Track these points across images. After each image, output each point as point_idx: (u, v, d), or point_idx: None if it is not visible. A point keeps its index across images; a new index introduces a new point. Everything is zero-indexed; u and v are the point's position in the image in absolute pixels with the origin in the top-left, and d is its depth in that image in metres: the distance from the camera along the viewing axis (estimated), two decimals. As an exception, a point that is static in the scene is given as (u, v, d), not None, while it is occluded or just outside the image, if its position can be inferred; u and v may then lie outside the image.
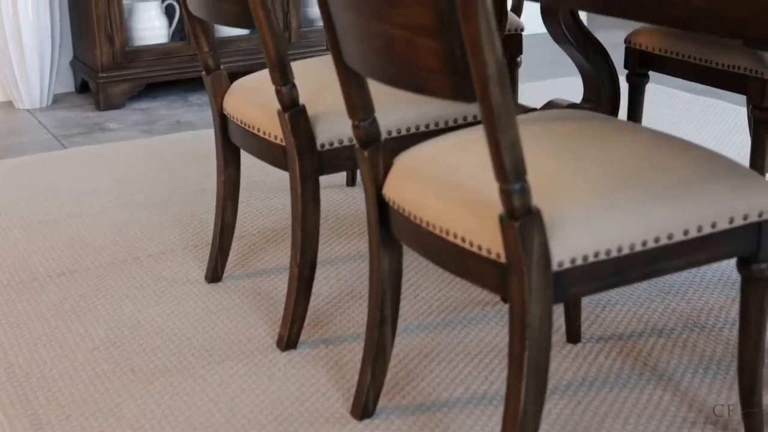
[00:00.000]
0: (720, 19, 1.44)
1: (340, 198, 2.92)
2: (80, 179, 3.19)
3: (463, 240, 1.47)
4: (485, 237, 1.43)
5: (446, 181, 1.55)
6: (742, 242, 1.52)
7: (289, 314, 2.06)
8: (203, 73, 2.27)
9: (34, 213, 2.91)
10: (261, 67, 4.23)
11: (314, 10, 4.39)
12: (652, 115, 3.65)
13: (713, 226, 1.48)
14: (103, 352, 2.11)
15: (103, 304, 2.33)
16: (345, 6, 1.49)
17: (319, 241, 2.62)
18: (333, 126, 1.97)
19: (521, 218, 1.34)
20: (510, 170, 1.31)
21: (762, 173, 2.60)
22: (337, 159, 2.00)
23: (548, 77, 4.27)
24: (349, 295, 2.32)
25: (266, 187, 3.03)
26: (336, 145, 1.98)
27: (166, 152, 3.44)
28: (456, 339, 2.10)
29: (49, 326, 2.23)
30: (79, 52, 4.28)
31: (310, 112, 1.97)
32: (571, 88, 3.95)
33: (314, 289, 2.34)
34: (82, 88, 4.36)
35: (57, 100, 4.26)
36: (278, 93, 1.93)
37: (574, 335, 2.06)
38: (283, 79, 1.92)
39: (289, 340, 2.07)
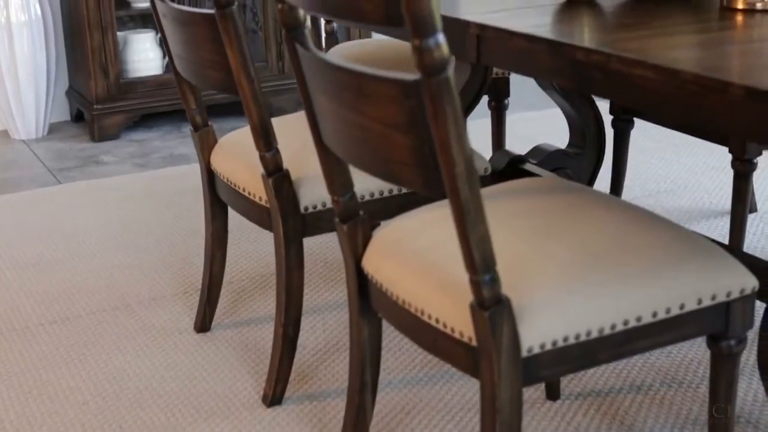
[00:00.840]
0: (688, 107, 1.47)
1: (329, 242, 2.95)
2: (74, 218, 3.23)
3: (437, 321, 1.51)
4: (458, 320, 1.47)
5: (422, 260, 1.59)
6: (711, 321, 1.56)
7: (273, 372, 2.10)
8: (191, 129, 2.31)
9: (28, 255, 2.95)
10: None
11: (307, 40, 4.42)
12: (640, 148, 3.69)
13: (681, 307, 1.52)
14: (93, 407, 2.15)
15: (93, 355, 2.37)
16: (323, 93, 1.52)
17: (307, 288, 2.66)
18: (316, 189, 2.01)
19: (491, 308, 1.38)
20: (479, 263, 1.35)
21: (743, 222, 2.64)
22: (321, 221, 2.04)
23: (539, 107, 4.30)
24: (335, 347, 2.36)
25: (257, 229, 3.07)
26: (319, 207, 2.02)
27: (159, 189, 3.48)
28: (438, 395, 2.14)
29: (41, 378, 2.27)
30: (75, 82, 4.33)
31: (293, 175, 2.01)
32: (560, 121, 3.98)
33: (300, 341, 2.38)
34: (78, 117, 4.40)
35: (52, 129, 4.30)
36: (262, 159, 1.97)
37: (553, 392, 2.10)
38: (267, 146, 1.96)
39: (273, 397, 2.11)
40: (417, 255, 1.61)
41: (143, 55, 4.15)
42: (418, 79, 1.27)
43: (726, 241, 2.86)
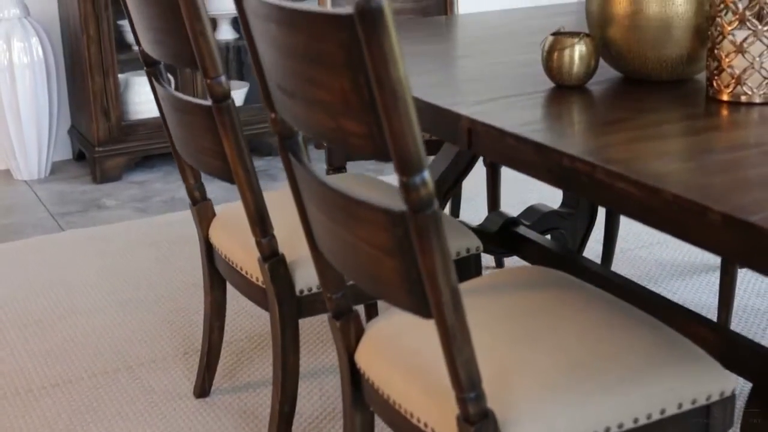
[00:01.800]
0: (671, 223, 1.52)
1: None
2: (76, 268, 3.28)
3: (426, 425, 1.56)
4: (446, 427, 1.52)
5: (412, 361, 1.64)
6: (691, 424, 1.60)
7: (270, 448, 2.15)
8: (190, 203, 2.36)
9: (31, 310, 3.01)
10: (253, 138, 4.32)
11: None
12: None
13: (662, 412, 1.57)
14: (94, 479, 2.20)
15: (95, 421, 2.42)
16: (316, 206, 1.57)
17: (303, 350, 2.71)
18: (312, 272, 2.06)
19: (477, 423, 1.43)
20: (465, 382, 1.40)
21: (733, 279, 2.69)
22: (316, 303, 2.09)
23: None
24: (331, 415, 2.41)
25: (256, 282, 3.12)
26: (315, 290, 2.07)
27: (160, 238, 3.53)
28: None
29: (43, 447, 2.32)
30: (77, 122, 4.38)
31: (289, 258, 2.06)
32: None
33: (297, 407, 2.43)
34: (80, 156, 4.45)
35: (55, 169, 4.35)
36: (258, 244, 2.02)
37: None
38: (263, 232, 2.01)
39: (270, 472, 2.16)
40: (408, 356, 1.66)
41: (144, 97, 4.21)
42: (405, 212, 1.32)
43: (716, 298, 2.91)
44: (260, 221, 2.00)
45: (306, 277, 2.06)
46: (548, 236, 2.84)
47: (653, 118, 1.84)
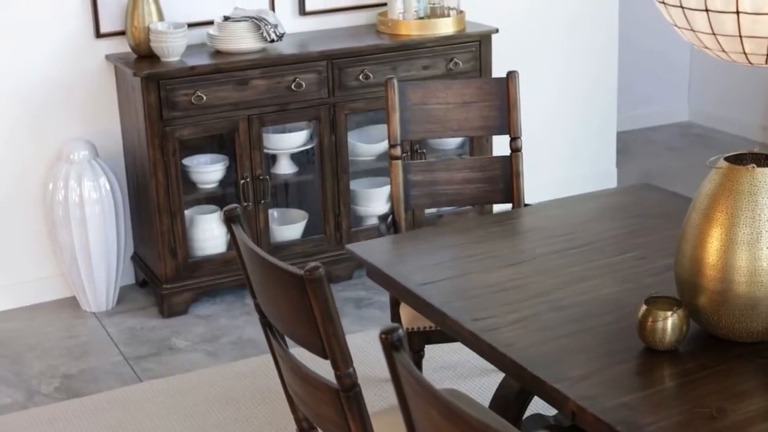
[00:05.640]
0: None
1: None
2: (158, 430, 3.45)
3: None
4: None
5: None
6: None
7: None
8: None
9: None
10: (313, 268, 4.48)
11: (363, 208, 4.64)
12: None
13: None
14: None
15: None
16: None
17: None
18: None
19: None
20: None
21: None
22: None
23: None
24: None
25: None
26: None
27: (236, 393, 3.67)
28: None
29: None
30: (140, 251, 4.54)
31: None
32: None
33: None
34: (143, 283, 4.61)
35: (120, 297, 4.50)
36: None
37: None
38: None
39: None
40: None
41: (209, 234, 4.36)
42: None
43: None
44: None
45: None
46: None
47: (739, 407, 1.98)
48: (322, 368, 2.13)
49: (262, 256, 2.09)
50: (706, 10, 1.89)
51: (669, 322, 2.17)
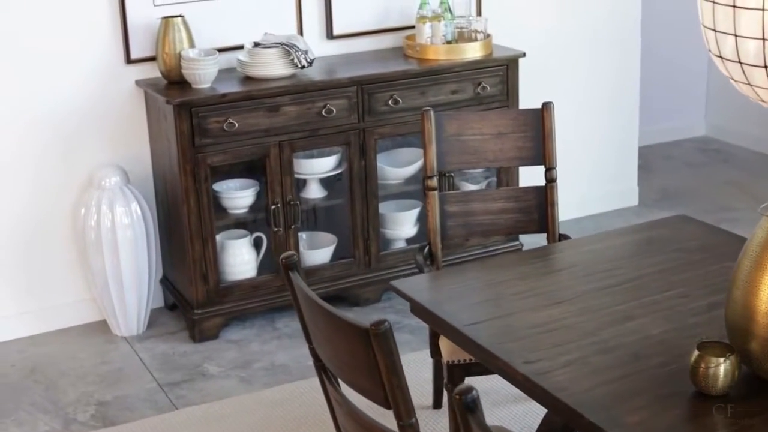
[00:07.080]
0: None
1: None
2: (198, 462, 3.47)
3: None
4: None
5: None
6: None
7: None
8: None
9: None
10: (342, 291, 4.51)
11: (391, 231, 4.66)
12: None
13: None
14: None
15: None
16: None
17: None
18: None
19: None
20: None
21: None
22: None
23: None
24: None
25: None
26: None
27: (272, 422, 3.69)
28: None
29: None
30: (170, 275, 4.57)
31: None
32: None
33: None
34: (173, 306, 4.64)
35: (151, 321, 4.53)
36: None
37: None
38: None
39: None
40: None
41: (239, 259, 4.39)
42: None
43: None
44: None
45: None
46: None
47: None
48: (373, 409, 2.15)
49: (325, 307, 2.12)
50: (765, 67, 1.92)
51: (722, 368, 2.20)
